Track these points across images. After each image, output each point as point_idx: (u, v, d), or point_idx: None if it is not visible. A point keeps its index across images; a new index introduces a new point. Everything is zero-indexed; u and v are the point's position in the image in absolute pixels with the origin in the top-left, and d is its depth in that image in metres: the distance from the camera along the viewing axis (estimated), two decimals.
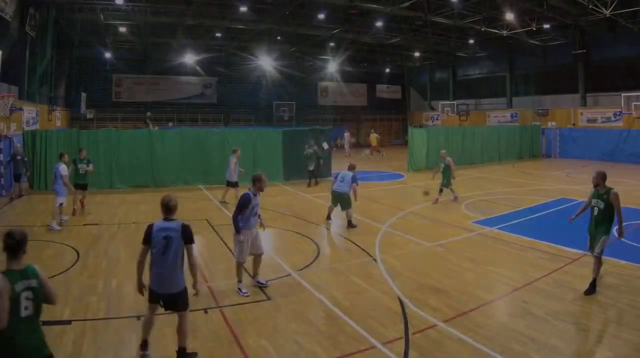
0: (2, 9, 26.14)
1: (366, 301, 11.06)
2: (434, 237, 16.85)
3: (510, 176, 34.04)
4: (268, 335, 9.29)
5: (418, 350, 8.61)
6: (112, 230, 17.98)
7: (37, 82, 37.08)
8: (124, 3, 37.65)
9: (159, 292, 8.36)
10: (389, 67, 70.78)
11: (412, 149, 37.07)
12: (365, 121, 71.32)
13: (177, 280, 8.41)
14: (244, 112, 63.89)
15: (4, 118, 25.54)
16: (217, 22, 44.20)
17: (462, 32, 49.27)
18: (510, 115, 56.08)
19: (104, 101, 54.91)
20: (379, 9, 38.66)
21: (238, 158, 23.21)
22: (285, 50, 56.64)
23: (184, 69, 58.90)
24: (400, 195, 26.21)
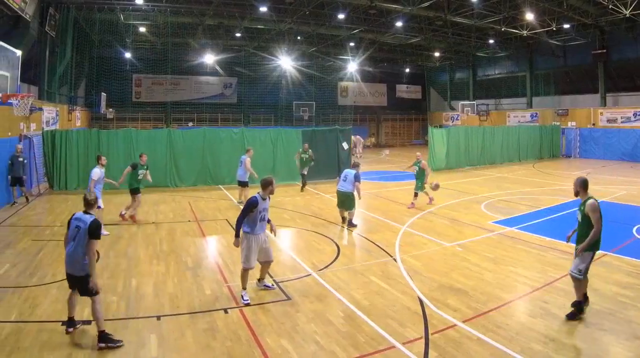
0: (22, 9, 26.28)
1: (385, 301, 11.01)
2: (453, 237, 16.84)
3: (530, 176, 33.86)
4: (287, 335, 9.29)
5: (437, 350, 8.60)
6: (131, 230, 18.04)
7: (57, 82, 37.17)
8: (144, 3, 37.83)
9: (67, 270, 9.12)
10: (409, 67, 70.72)
11: (432, 148, 37.08)
12: (385, 121, 71.35)
13: (80, 266, 8.92)
14: (264, 112, 64.13)
15: (24, 118, 25.67)
16: (237, 22, 44.42)
17: (482, 32, 49.20)
18: (530, 115, 55.82)
19: (123, 101, 55.00)
20: (399, 9, 38.67)
21: (251, 158, 23.27)
22: (305, 50, 56.79)
23: (204, 69, 59.16)
24: (420, 195, 26.14)
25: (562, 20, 41.36)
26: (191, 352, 8.62)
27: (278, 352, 8.67)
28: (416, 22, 46.42)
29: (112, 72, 52.23)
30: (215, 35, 51.54)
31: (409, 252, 14.92)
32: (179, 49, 56.49)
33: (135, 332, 9.33)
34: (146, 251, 15.05)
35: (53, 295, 11.03)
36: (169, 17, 41.94)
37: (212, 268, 13.51)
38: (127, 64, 54.93)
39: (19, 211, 21.40)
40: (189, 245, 15.99)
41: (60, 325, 9.37)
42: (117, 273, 12.89)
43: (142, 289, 11.56)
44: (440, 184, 23.70)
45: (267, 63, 58.64)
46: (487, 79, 63.89)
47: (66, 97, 40.90)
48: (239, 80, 62.28)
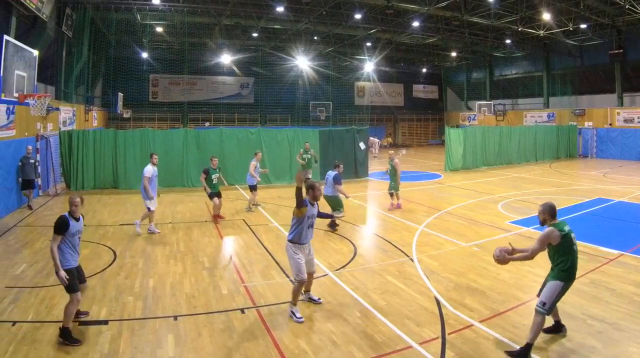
0: (39, 9, 26.39)
1: (402, 301, 11.02)
2: (470, 237, 16.84)
3: (547, 176, 33.72)
4: (304, 335, 9.32)
5: (454, 350, 8.61)
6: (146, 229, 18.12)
7: (74, 82, 37.34)
8: (161, 3, 37.90)
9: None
10: (426, 67, 70.42)
11: (449, 149, 36.95)
12: (402, 121, 71.25)
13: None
14: (281, 112, 64.14)
15: (41, 118, 25.78)
16: (254, 22, 44.41)
17: (499, 32, 49.03)
18: (547, 115, 55.55)
19: (140, 101, 55.23)
20: (416, 9, 38.59)
21: (259, 161, 22.89)
22: (322, 50, 56.75)
23: (221, 69, 59.21)
24: (437, 195, 26.11)
25: (578, 20, 41.16)
26: (208, 351, 8.65)
27: (295, 352, 8.71)
28: (433, 22, 46.37)
29: (129, 72, 52.51)
30: (232, 35, 51.62)
31: (426, 252, 14.94)
32: (196, 49, 56.77)
33: (152, 331, 9.37)
34: (163, 251, 15.12)
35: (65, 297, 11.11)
36: (185, 17, 42.05)
37: (229, 268, 13.56)
38: (144, 64, 55.11)
39: (36, 211, 21.52)
40: (206, 245, 16.04)
41: (77, 326, 9.44)
42: (134, 273, 12.94)
43: (159, 289, 11.61)
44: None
45: (284, 63, 58.68)
46: (504, 79, 63.62)
47: (83, 97, 41.11)
48: (255, 80, 62.28)
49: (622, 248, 13.82)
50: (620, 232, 16.95)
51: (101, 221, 19.30)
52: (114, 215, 20.60)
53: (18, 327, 9.38)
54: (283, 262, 13.70)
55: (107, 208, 22.10)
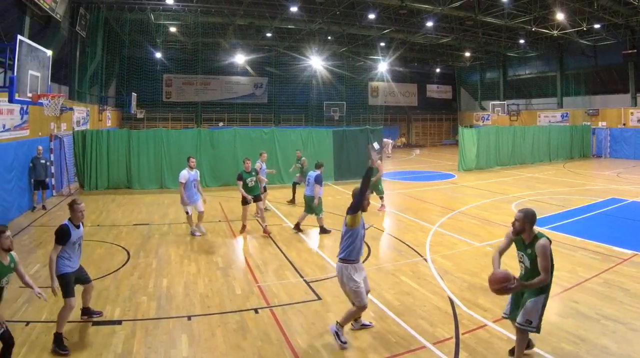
0: (53, 9, 26.49)
1: (416, 301, 11.03)
2: (483, 237, 16.83)
3: (560, 176, 33.62)
4: (318, 335, 9.32)
5: (468, 350, 8.61)
6: (162, 230, 18.15)
7: (88, 82, 37.53)
8: (174, 3, 38.04)
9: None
10: (440, 67, 70.42)
11: (462, 149, 36.86)
12: (416, 121, 71.20)
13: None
14: (294, 112, 64.28)
15: (55, 118, 25.86)
16: (268, 22, 44.52)
17: (513, 32, 48.88)
18: (560, 115, 55.36)
19: (154, 101, 55.55)
20: (430, 9, 38.62)
21: (264, 162, 22.27)
22: (336, 50, 56.83)
23: (235, 69, 59.42)
24: (451, 195, 26.07)
25: (592, 20, 41.00)
26: (221, 351, 8.67)
27: (309, 352, 8.73)
28: (447, 22, 46.28)
29: (142, 72, 52.77)
30: (245, 35, 51.71)
31: (440, 252, 14.94)
32: (210, 49, 57.02)
33: (166, 331, 9.40)
34: (177, 251, 15.16)
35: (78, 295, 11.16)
36: (199, 17, 42.13)
37: (242, 268, 13.59)
38: (157, 64, 55.33)
39: (50, 211, 21.63)
40: (220, 245, 16.09)
41: (90, 326, 9.51)
42: (148, 273, 12.98)
43: (172, 289, 11.64)
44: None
45: (297, 63, 58.81)
46: (517, 79, 63.39)
47: (97, 97, 41.33)
48: (269, 80, 62.47)
49: (636, 248, 13.78)
50: (634, 232, 16.90)
51: (115, 221, 19.36)
52: (127, 215, 20.67)
53: (32, 327, 9.44)
54: (296, 262, 13.78)
55: (121, 208, 22.17)
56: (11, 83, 14.30)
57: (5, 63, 15.89)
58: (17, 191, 20.22)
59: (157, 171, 27.72)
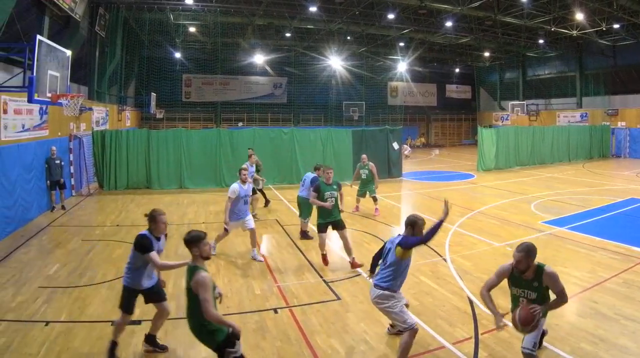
0: (72, 9, 26.62)
1: (435, 301, 11.04)
2: (503, 237, 16.78)
3: (580, 176, 33.47)
4: (337, 335, 9.34)
5: (487, 350, 8.61)
6: (182, 230, 18.03)
7: (107, 82, 37.67)
8: (194, 3, 38.19)
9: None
10: (459, 67, 70.39)
11: (481, 149, 36.80)
12: (435, 121, 71.13)
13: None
14: (314, 111, 64.43)
15: (74, 118, 25.99)
16: (287, 22, 44.65)
17: (532, 32, 48.77)
18: (580, 115, 55.06)
19: (173, 101, 55.80)
20: (449, 9, 38.57)
21: (253, 164, 20.62)
22: (355, 50, 56.84)
23: (254, 69, 59.58)
24: (470, 195, 26.02)
25: (611, 20, 40.77)
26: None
27: (328, 352, 8.75)
28: (466, 22, 46.20)
29: (161, 72, 52.97)
30: (265, 35, 51.86)
31: (459, 252, 14.92)
32: (229, 49, 57.11)
33: (185, 332, 9.34)
34: None
35: (103, 295, 11.24)
36: (218, 17, 42.32)
37: (261, 268, 13.60)
38: (176, 64, 55.57)
39: (69, 211, 21.75)
40: (239, 245, 16.08)
41: (110, 325, 9.45)
42: (167, 273, 12.99)
43: None
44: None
45: (317, 63, 58.94)
46: (536, 79, 63.11)
47: (116, 97, 41.52)
48: (288, 80, 62.58)
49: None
50: None
51: (134, 221, 19.42)
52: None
53: (51, 327, 9.48)
54: (316, 262, 13.80)
55: (140, 208, 22.23)
56: (30, 83, 14.35)
57: (24, 63, 15.95)
58: (37, 191, 20.34)
59: (177, 171, 27.79)
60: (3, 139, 17.75)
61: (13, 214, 17.77)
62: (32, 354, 8.43)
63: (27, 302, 10.82)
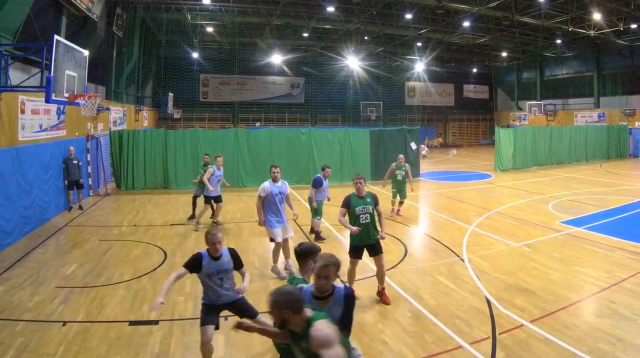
0: (90, 9, 26.75)
1: (453, 301, 11.00)
2: (520, 237, 16.71)
3: (597, 176, 33.29)
4: (354, 335, 9.18)
5: (505, 351, 8.56)
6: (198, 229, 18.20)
7: (124, 82, 37.95)
8: (211, 3, 38.34)
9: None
10: (476, 67, 70.24)
11: (498, 149, 36.72)
12: (452, 121, 71.05)
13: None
14: (331, 111, 64.43)
15: (91, 118, 26.10)
16: (304, 22, 44.77)
17: (549, 32, 48.66)
18: (597, 115, 54.81)
19: (191, 101, 55.91)
20: (466, 9, 38.54)
21: (220, 167, 18.73)
22: (372, 50, 56.85)
23: (271, 69, 59.71)
24: (487, 195, 25.95)
25: (629, 20, 40.54)
26: (258, 351, 8.77)
27: None
28: (483, 22, 46.14)
29: (179, 72, 53.08)
30: (282, 35, 52.07)
31: (476, 252, 14.88)
32: (247, 49, 57.29)
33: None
34: None
35: (120, 295, 11.27)
36: (236, 17, 42.49)
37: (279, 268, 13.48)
38: (194, 64, 55.70)
39: (87, 211, 21.85)
40: (256, 245, 16.12)
41: (127, 325, 9.57)
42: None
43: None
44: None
45: (334, 63, 58.94)
46: (554, 79, 62.86)
47: (133, 97, 41.73)
48: (306, 80, 62.65)
49: None
50: None
51: (152, 221, 19.50)
52: (164, 215, 20.81)
53: (68, 327, 9.53)
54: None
55: (158, 208, 22.33)
56: (48, 83, 14.38)
57: (42, 63, 16.03)
58: (54, 191, 20.45)
59: (194, 171, 27.64)
60: (21, 139, 17.84)
61: (31, 214, 17.90)
62: (49, 354, 8.50)
63: (44, 302, 10.88)
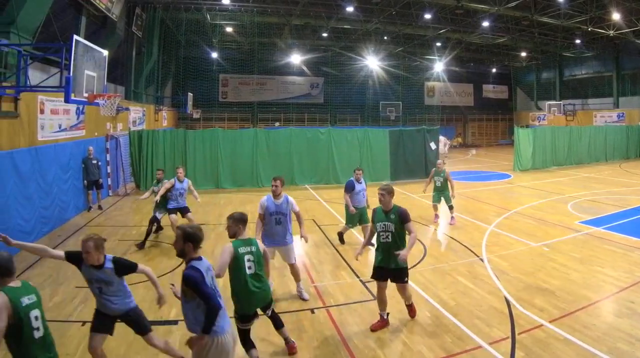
0: (109, 9, 26.95)
1: (472, 301, 11.02)
2: (539, 237, 16.67)
3: (616, 176, 33.18)
4: (374, 335, 9.38)
5: (524, 350, 8.57)
6: (218, 230, 18.16)
7: (144, 82, 38.22)
8: (230, 3, 38.47)
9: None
10: (495, 67, 70.17)
11: (518, 149, 36.64)
12: (472, 121, 70.94)
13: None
14: (351, 111, 64.66)
15: (111, 118, 26.24)
16: (323, 22, 44.80)
17: (569, 32, 48.37)
18: (616, 115, 54.51)
19: (210, 101, 56.25)
20: (486, 9, 38.44)
21: (181, 180, 16.72)
22: (392, 50, 56.84)
23: (291, 69, 59.96)
24: (507, 195, 25.89)
25: None
26: (277, 351, 8.80)
27: (365, 352, 8.78)
28: (503, 22, 45.98)
29: (198, 72, 53.47)
30: (301, 35, 52.19)
31: (496, 252, 14.88)
32: (266, 48, 57.42)
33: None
34: None
35: (140, 295, 11.21)
36: (255, 17, 42.60)
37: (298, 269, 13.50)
38: (213, 64, 56.08)
39: (106, 211, 22.02)
40: None
41: None
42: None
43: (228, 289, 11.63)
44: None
45: (353, 63, 59.02)
46: (573, 79, 62.54)
47: (153, 97, 41.96)
48: (325, 80, 62.79)
49: None
50: None
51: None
52: None
53: (88, 327, 9.50)
54: (353, 262, 13.76)
55: None
56: (67, 83, 14.45)
57: (61, 63, 16.11)
58: (73, 191, 20.58)
59: (213, 171, 27.90)
60: (40, 139, 17.98)
61: (50, 214, 18.05)
62: (69, 354, 8.63)
63: (64, 302, 11.00)
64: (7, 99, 15.64)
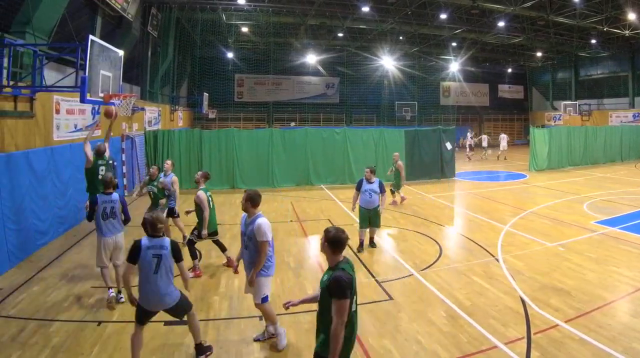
0: (125, 9, 27.03)
1: (488, 301, 10.99)
2: (555, 237, 16.60)
3: (632, 176, 33.01)
4: (390, 335, 9.38)
5: (539, 350, 8.56)
6: (234, 230, 18.17)
7: (159, 82, 38.26)
8: (246, 3, 38.50)
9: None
10: (511, 67, 70.11)
11: (533, 149, 36.50)
12: (487, 121, 70.75)
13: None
14: (366, 111, 64.75)
15: (126, 118, 26.29)
16: (339, 22, 44.78)
17: (584, 32, 48.25)
18: (632, 115, 54.23)
19: (225, 101, 56.51)
20: (501, 9, 38.35)
21: (169, 177, 17.19)
22: (407, 50, 56.89)
23: (306, 69, 60.11)
24: (522, 195, 25.81)
25: None
26: (293, 352, 8.86)
27: (380, 351, 8.79)
28: (518, 22, 45.92)
29: (214, 72, 53.75)
30: (317, 35, 52.25)
31: (511, 252, 14.83)
32: (281, 49, 57.75)
33: (237, 331, 9.55)
34: None
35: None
36: (271, 17, 42.76)
37: (314, 269, 13.66)
38: (229, 64, 56.36)
39: None
40: (291, 245, 16.16)
41: (163, 326, 9.66)
42: (219, 273, 13.19)
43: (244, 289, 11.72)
44: None
45: (369, 63, 59.15)
46: (589, 79, 62.31)
47: (168, 97, 41.99)
48: (341, 80, 62.97)
49: None
50: None
51: (186, 221, 19.38)
52: None
53: (103, 327, 9.67)
54: (368, 262, 13.87)
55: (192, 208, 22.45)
56: (83, 83, 14.46)
57: (77, 63, 16.15)
58: None
59: (229, 171, 27.91)
60: (55, 139, 18.03)
61: (65, 214, 18.09)
62: (84, 354, 8.65)
63: (79, 302, 11.05)
64: (23, 99, 15.69)
